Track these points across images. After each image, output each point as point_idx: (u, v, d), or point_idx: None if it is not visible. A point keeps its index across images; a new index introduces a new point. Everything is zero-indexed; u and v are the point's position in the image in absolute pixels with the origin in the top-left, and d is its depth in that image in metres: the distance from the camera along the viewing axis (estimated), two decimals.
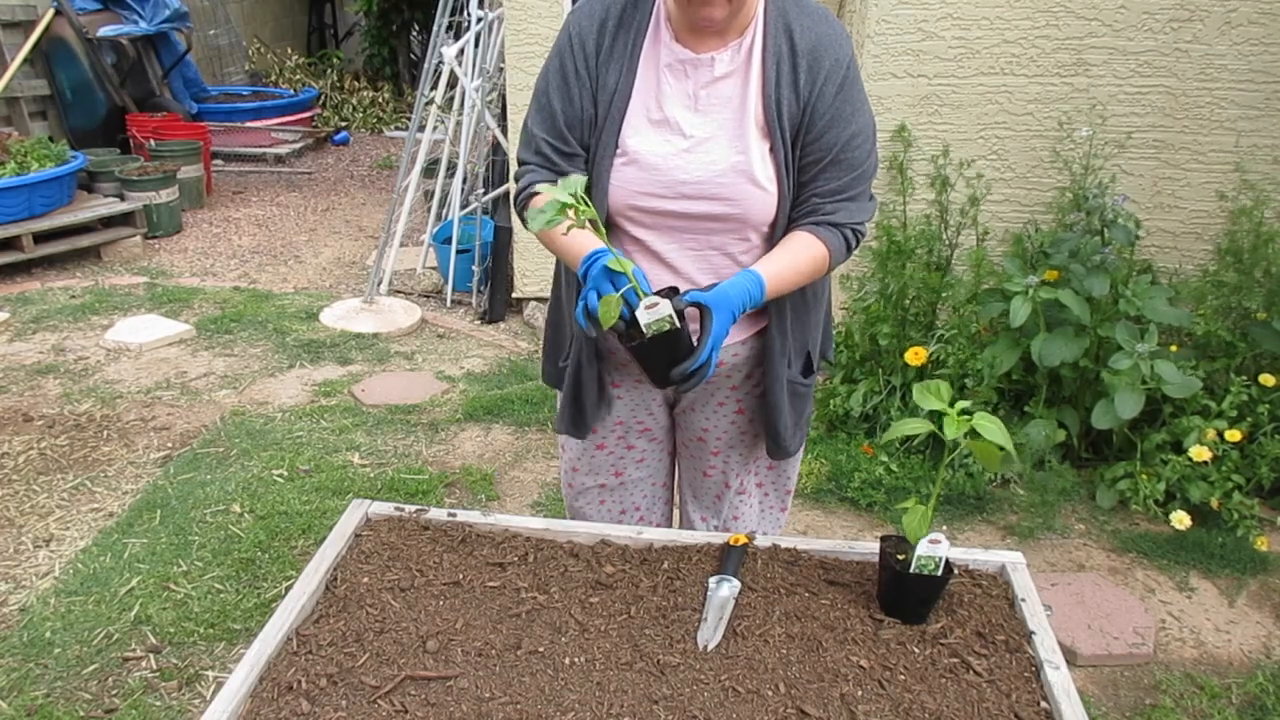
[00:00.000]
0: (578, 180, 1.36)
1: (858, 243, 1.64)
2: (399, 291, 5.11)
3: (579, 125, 1.61)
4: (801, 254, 1.57)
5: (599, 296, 1.43)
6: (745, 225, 1.60)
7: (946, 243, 3.55)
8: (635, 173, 1.59)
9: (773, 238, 1.62)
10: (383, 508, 1.73)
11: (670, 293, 1.47)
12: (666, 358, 1.44)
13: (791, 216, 1.61)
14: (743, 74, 1.56)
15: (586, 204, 1.35)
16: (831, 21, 1.58)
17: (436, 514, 1.71)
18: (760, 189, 1.57)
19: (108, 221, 5.57)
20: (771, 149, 1.57)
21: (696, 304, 1.45)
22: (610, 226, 1.65)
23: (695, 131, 1.57)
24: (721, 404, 1.85)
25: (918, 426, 1.43)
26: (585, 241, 1.54)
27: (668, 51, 1.58)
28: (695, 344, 1.44)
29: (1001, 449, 1.36)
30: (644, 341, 1.43)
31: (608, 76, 1.58)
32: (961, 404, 1.40)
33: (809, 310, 1.76)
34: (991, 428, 1.37)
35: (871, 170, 1.62)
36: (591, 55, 1.59)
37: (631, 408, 1.90)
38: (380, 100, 9.65)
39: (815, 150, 1.56)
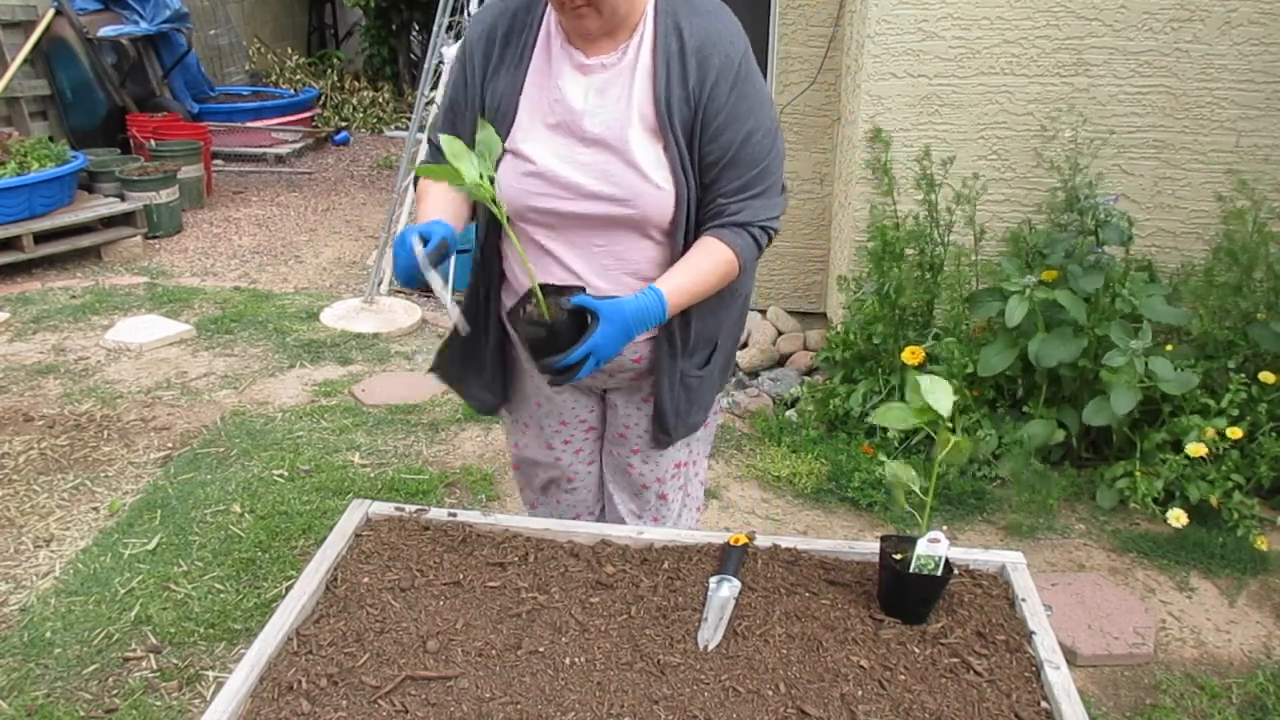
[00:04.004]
0: (489, 152, 1.38)
1: (769, 239, 1.65)
2: (399, 291, 5.11)
3: (464, 137, 1.64)
4: (704, 262, 1.59)
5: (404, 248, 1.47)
6: (645, 224, 1.61)
7: (939, 241, 3.56)
8: (531, 177, 1.60)
9: (674, 236, 1.62)
10: (383, 508, 1.73)
11: (575, 290, 1.51)
12: (536, 346, 1.47)
13: (699, 219, 1.62)
14: (632, 74, 1.57)
15: (487, 185, 1.37)
16: (722, 18, 1.57)
17: (437, 514, 1.71)
18: (655, 188, 1.57)
19: (108, 221, 5.57)
20: (665, 148, 1.57)
21: (585, 308, 1.47)
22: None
23: (589, 132, 1.58)
24: (646, 399, 1.85)
25: (901, 417, 1.44)
26: (432, 209, 1.61)
27: (560, 55, 1.59)
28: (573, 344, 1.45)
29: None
30: (516, 321, 1.47)
31: (497, 84, 1.61)
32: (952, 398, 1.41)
33: (723, 305, 1.74)
34: (933, 388, 1.38)
35: (775, 165, 1.62)
36: (479, 68, 1.63)
37: (573, 404, 1.90)
38: (380, 100, 9.65)
39: (714, 150, 1.57)
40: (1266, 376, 3.09)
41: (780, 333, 4.40)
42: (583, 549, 1.63)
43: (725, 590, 1.49)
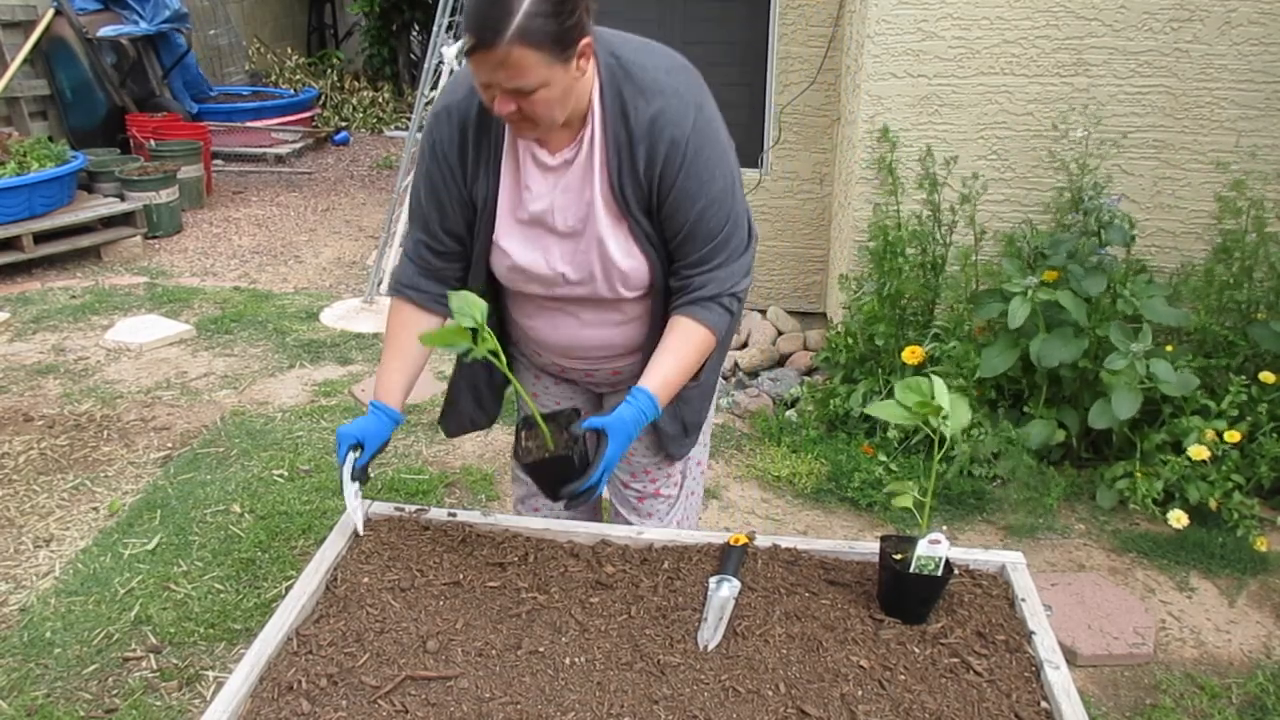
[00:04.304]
0: (477, 308, 1.41)
1: (739, 305, 1.70)
2: None
3: (455, 231, 1.71)
4: (683, 349, 1.64)
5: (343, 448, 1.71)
6: (625, 291, 1.68)
7: (940, 241, 3.56)
8: (513, 270, 1.68)
9: (653, 285, 1.67)
10: (383, 508, 1.73)
11: (571, 414, 1.56)
12: (555, 479, 1.52)
13: (670, 286, 1.67)
14: (589, 165, 1.60)
15: (488, 335, 1.42)
16: (667, 95, 1.56)
17: (436, 514, 1.72)
18: (628, 267, 1.63)
19: (108, 221, 5.57)
20: (630, 228, 1.61)
21: (595, 430, 1.52)
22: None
23: (558, 225, 1.63)
24: None
25: (891, 412, 1.45)
26: (384, 382, 1.73)
27: (525, 151, 1.62)
28: (588, 465, 1.50)
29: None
30: (532, 463, 1.52)
31: (477, 185, 1.66)
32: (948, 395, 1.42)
33: None
34: (901, 399, 1.42)
35: (734, 231, 1.65)
36: (457, 169, 1.66)
37: (570, 400, 1.94)
38: (380, 100, 9.65)
39: (670, 226, 1.61)
40: (1267, 376, 3.09)
41: (780, 333, 4.40)
42: (583, 549, 1.63)
43: (725, 590, 1.49)
